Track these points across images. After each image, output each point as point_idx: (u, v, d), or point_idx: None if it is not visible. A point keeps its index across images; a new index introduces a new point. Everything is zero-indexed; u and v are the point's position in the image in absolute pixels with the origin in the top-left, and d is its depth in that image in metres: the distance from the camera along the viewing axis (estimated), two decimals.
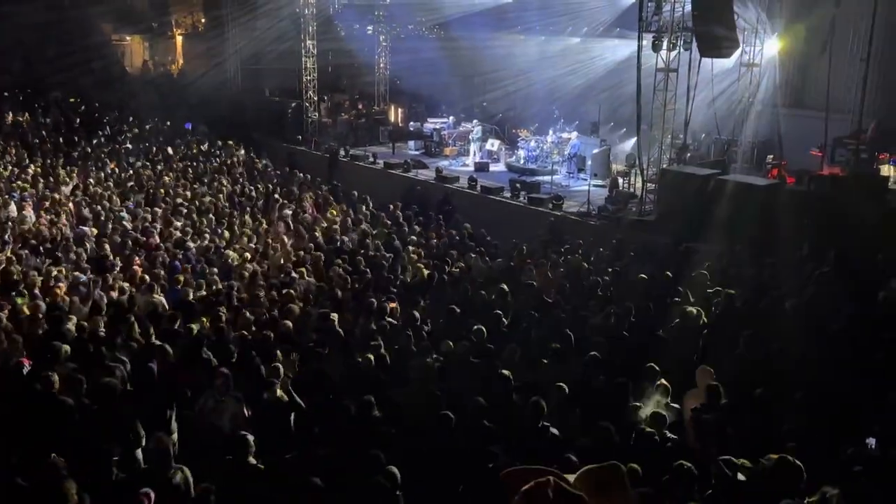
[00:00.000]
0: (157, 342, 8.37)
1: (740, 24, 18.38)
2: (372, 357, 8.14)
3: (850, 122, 18.83)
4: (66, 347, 7.92)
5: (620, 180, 19.09)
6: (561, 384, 7.36)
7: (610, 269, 12.53)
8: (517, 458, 6.12)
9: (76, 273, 11.21)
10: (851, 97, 18.84)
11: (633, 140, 18.28)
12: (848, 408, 7.11)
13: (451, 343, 8.72)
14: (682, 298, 10.50)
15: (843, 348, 8.58)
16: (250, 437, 6.14)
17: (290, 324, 9.36)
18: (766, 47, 19.98)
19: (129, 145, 22.59)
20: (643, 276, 11.52)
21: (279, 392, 7.31)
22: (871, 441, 6.57)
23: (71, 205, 15.72)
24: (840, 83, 19.17)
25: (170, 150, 22.53)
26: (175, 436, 6.87)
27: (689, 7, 16.48)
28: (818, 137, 19.10)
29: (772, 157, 19.60)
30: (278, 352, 8.36)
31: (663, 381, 7.59)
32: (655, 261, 13.21)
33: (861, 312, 9.72)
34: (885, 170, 17.52)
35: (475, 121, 24.93)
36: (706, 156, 20.22)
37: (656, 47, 16.80)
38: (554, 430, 6.62)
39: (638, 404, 7.27)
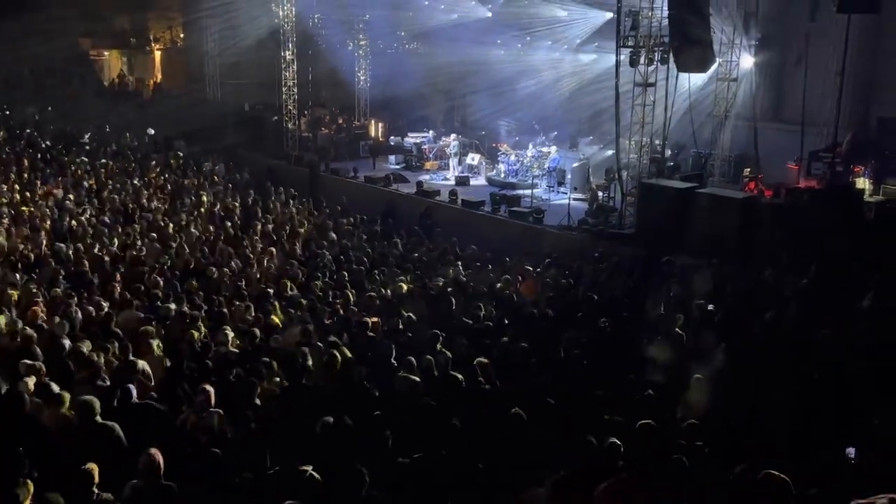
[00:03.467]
0: (137, 359, 8.29)
1: (717, 39, 18.64)
2: (356, 371, 8.11)
3: (825, 135, 19.11)
4: (41, 365, 7.84)
5: (600, 194, 19.23)
6: (543, 397, 7.38)
7: (591, 282, 12.60)
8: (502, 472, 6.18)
9: (54, 290, 11.08)
10: (826, 111, 19.12)
11: (612, 153, 18.42)
12: (828, 417, 7.18)
13: (430, 358, 8.69)
14: (662, 311, 10.57)
15: (825, 358, 8.68)
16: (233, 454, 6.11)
17: (277, 338, 9.31)
18: (743, 61, 20.25)
19: (105, 160, 22.40)
20: (623, 288, 11.60)
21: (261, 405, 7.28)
22: (851, 451, 6.63)
23: (48, 221, 15.56)
24: (815, 97, 19.46)
25: (152, 164, 22.40)
26: None
27: (665, 22, 16.69)
28: (794, 151, 19.37)
29: (748, 170, 19.83)
30: (261, 367, 8.31)
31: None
32: (635, 273, 13.30)
33: (841, 323, 9.83)
34: (861, 182, 17.77)
35: (453, 135, 25.02)
36: (684, 169, 20.43)
37: (634, 62, 16.99)
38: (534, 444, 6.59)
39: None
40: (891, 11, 17.88)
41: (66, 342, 8.74)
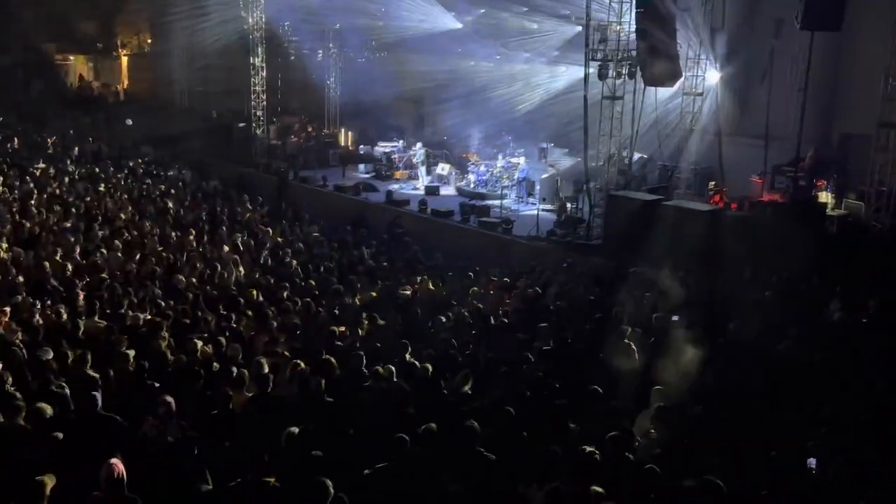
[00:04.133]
0: (97, 370, 8.15)
1: (683, 54, 18.90)
2: (323, 381, 8.05)
3: (788, 150, 19.42)
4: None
5: (568, 205, 19.35)
6: (507, 408, 7.38)
7: (558, 293, 12.66)
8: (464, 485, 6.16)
9: (16, 297, 10.86)
10: (790, 126, 19.44)
11: (581, 165, 18.56)
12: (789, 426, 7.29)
13: (392, 368, 8.65)
14: (627, 321, 10.64)
15: (786, 369, 8.79)
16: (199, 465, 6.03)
17: (238, 347, 9.22)
18: (708, 76, 20.53)
19: (71, 166, 22.08)
20: (590, 298, 11.67)
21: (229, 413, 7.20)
22: (812, 461, 6.73)
23: (8, 226, 15.27)
24: (779, 112, 19.79)
25: (116, 171, 22.12)
26: None
27: (633, 37, 16.90)
28: (758, 165, 19.67)
29: (713, 183, 20.08)
30: (226, 377, 8.21)
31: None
32: (602, 284, 13.40)
33: (803, 335, 9.99)
34: (823, 196, 18.07)
35: (419, 143, 25.05)
36: (650, 181, 20.65)
37: (602, 75, 17.17)
38: (490, 455, 6.57)
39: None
40: (853, 29, 18.27)
41: (25, 350, 8.58)
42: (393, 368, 8.61)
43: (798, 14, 16.72)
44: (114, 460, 5.79)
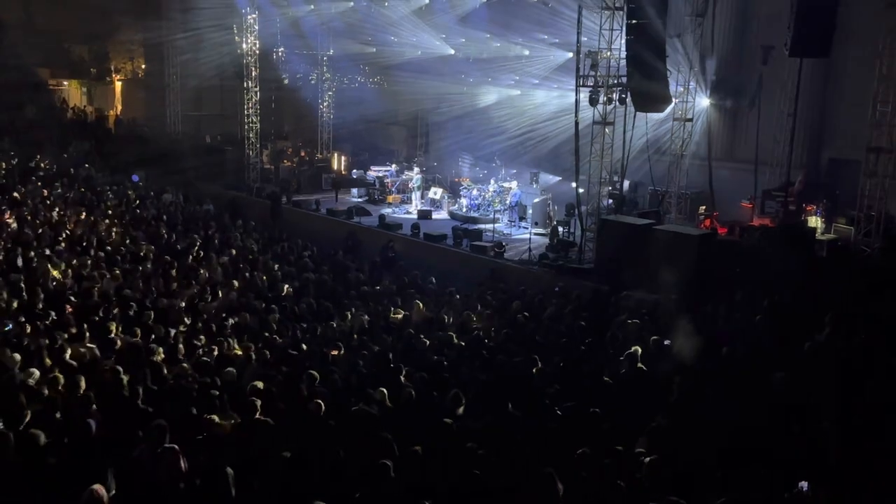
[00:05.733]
0: (89, 393, 8.10)
1: (673, 79, 19.10)
2: (318, 404, 8.03)
3: (778, 175, 19.61)
4: None
5: (560, 229, 19.43)
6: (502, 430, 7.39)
7: (552, 317, 12.69)
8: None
9: (6, 322, 10.82)
10: (780, 151, 19.65)
11: (573, 189, 18.67)
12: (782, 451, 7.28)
13: (384, 391, 8.64)
14: (620, 345, 10.66)
15: (778, 393, 8.80)
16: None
17: (232, 371, 9.20)
18: (698, 102, 20.75)
19: (61, 191, 22.06)
20: (582, 323, 11.69)
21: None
22: (804, 484, 6.73)
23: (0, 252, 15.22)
24: (768, 137, 20.01)
25: (108, 195, 22.11)
26: (112, 492, 6.63)
27: (624, 62, 17.08)
28: (748, 189, 19.82)
29: (704, 207, 20.21)
30: (216, 401, 8.18)
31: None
32: (594, 308, 13.43)
33: (792, 357, 10.00)
34: (812, 221, 18.19)
35: (416, 168, 25.19)
36: (641, 206, 20.76)
37: (593, 101, 17.32)
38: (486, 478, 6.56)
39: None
40: (840, 56, 18.53)
41: (17, 375, 8.53)
42: (385, 391, 8.60)
43: (787, 41, 16.96)
44: (96, 486, 5.76)
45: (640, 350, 9.94)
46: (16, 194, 20.81)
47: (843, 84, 19.67)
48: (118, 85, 38.20)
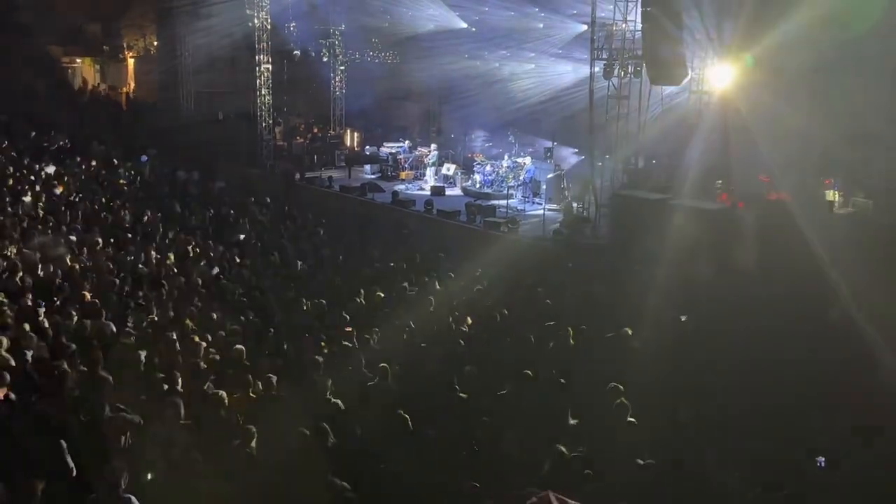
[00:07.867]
0: (105, 371, 8.14)
1: (689, 52, 18.81)
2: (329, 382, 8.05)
3: (796, 148, 19.32)
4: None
5: (574, 205, 19.31)
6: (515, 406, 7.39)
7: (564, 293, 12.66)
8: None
9: (23, 299, 10.87)
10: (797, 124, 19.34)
11: (587, 164, 18.53)
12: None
13: (397, 367, 8.66)
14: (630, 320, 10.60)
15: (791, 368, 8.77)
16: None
17: (241, 349, 9.22)
18: (715, 74, 20.43)
19: (76, 169, 22.11)
20: (597, 299, 11.65)
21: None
22: (821, 459, 6.73)
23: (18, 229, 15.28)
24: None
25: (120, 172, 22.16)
26: None
27: (639, 35, 16.85)
28: (766, 163, 19.56)
29: (720, 181, 19.98)
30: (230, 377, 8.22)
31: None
32: (610, 284, 13.38)
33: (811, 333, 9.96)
34: (830, 195, 17.95)
35: (433, 145, 25.06)
36: (657, 180, 20.54)
37: (608, 74, 17.13)
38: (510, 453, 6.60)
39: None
40: None
41: (31, 352, 8.58)
42: (398, 367, 8.63)
43: None
44: (115, 462, 5.81)
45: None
46: (31, 172, 20.89)
47: (863, 57, 19.29)
48: (131, 62, 38.14)
